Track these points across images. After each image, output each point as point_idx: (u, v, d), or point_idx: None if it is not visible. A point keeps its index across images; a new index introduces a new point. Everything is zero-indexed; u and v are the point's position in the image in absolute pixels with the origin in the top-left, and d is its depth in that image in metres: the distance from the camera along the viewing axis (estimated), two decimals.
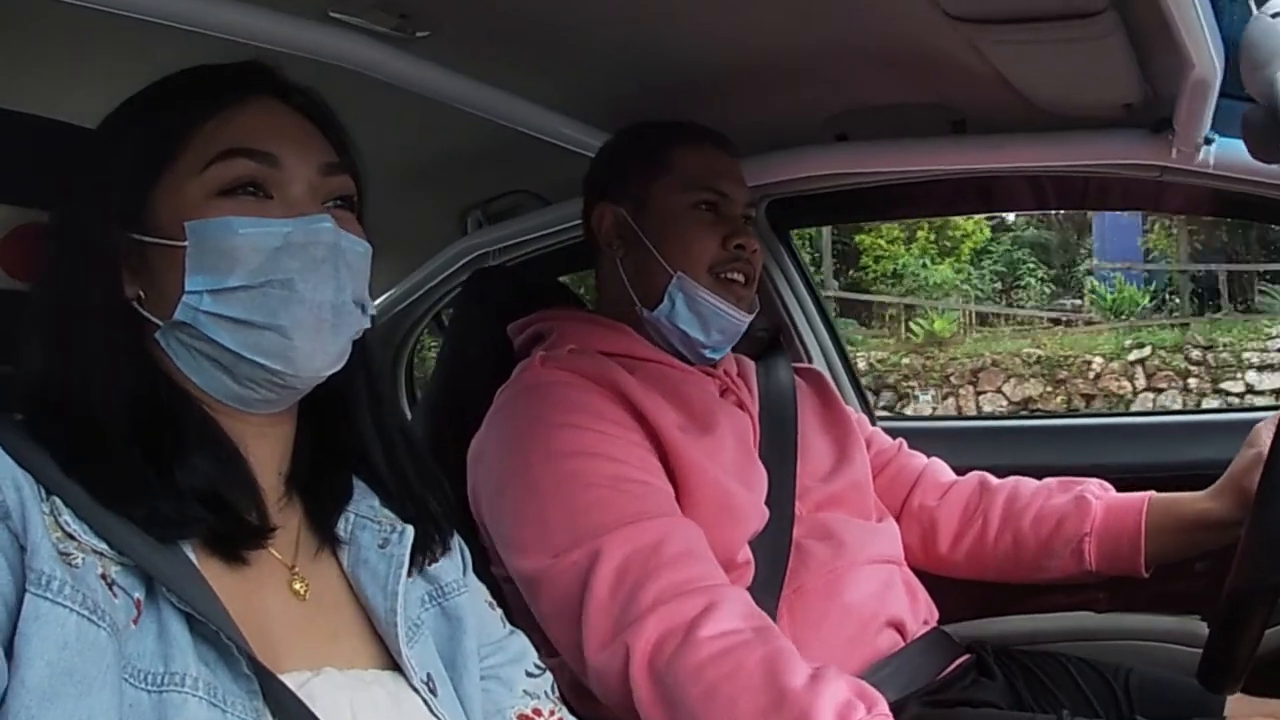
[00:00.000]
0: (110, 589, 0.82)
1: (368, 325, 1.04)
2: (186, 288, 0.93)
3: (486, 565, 1.51)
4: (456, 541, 1.18)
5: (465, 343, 1.98)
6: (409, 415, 2.64)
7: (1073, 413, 11.31)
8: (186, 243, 0.93)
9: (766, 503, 1.60)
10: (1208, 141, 1.69)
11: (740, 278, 1.68)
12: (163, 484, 0.89)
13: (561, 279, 2.27)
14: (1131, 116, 1.72)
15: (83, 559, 0.82)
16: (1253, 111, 1.36)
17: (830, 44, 1.61)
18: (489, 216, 2.38)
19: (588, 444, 1.45)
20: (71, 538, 0.82)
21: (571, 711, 1.20)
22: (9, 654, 0.77)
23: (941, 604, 1.76)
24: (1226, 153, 1.70)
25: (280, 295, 0.94)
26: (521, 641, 1.21)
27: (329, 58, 1.42)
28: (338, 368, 1.00)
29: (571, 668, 1.38)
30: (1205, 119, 1.60)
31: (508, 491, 1.47)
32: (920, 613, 1.68)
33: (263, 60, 1.07)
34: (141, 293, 0.96)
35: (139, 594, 0.85)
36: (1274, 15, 1.35)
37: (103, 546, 0.84)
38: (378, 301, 2.64)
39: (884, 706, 1.18)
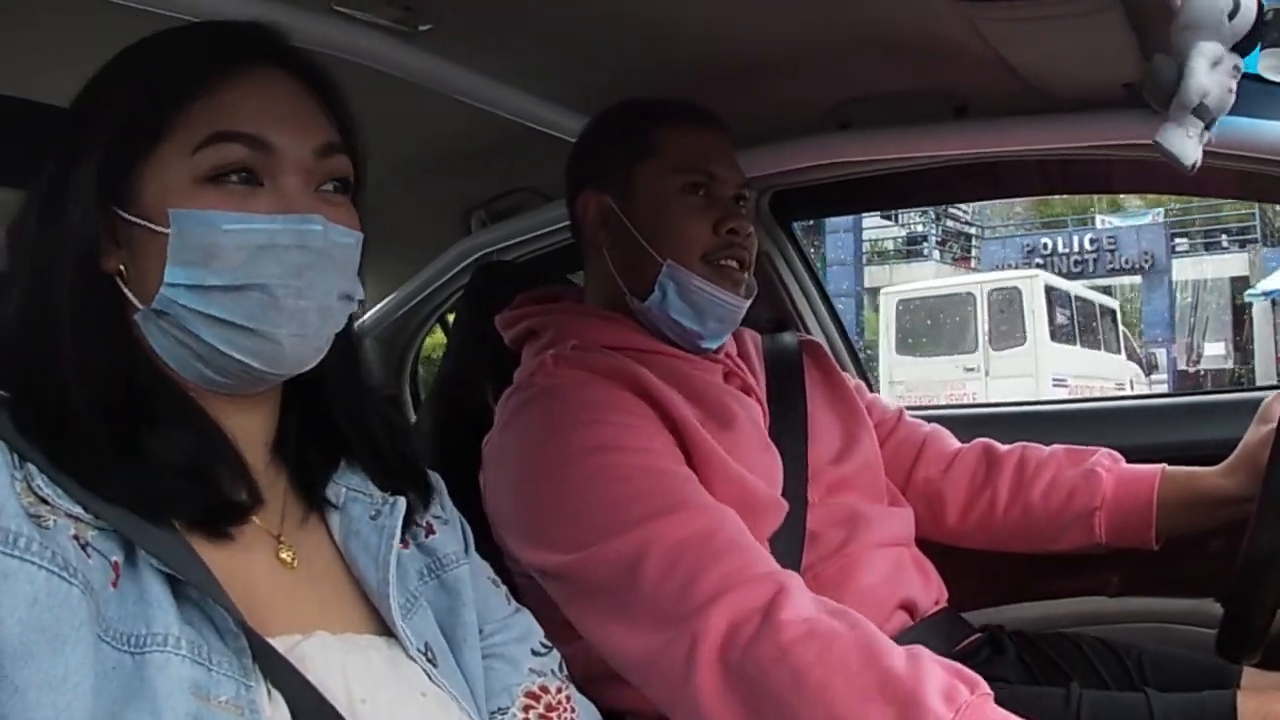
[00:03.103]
0: (84, 550, 0.81)
1: (354, 309, 1.02)
2: (165, 279, 0.91)
3: (500, 561, 1.49)
4: (457, 517, 1.18)
5: (469, 337, 1.97)
6: (413, 416, 2.64)
7: (1082, 398, 11.27)
8: (170, 230, 0.91)
9: (782, 493, 1.57)
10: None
11: (735, 264, 1.62)
12: (140, 465, 0.88)
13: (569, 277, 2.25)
14: (1131, 97, 1.72)
15: (54, 521, 0.81)
16: (1163, 62, 1.37)
17: (831, 31, 1.61)
18: (492, 216, 2.38)
19: (614, 438, 1.40)
20: (44, 502, 0.81)
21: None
22: None
23: (953, 590, 1.74)
24: (1226, 131, 1.69)
25: (261, 299, 0.92)
26: (527, 620, 1.19)
27: (332, 50, 1.42)
28: (320, 358, 0.99)
29: (606, 660, 1.31)
30: None
31: (533, 491, 1.42)
32: (931, 592, 1.67)
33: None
34: (123, 268, 0.93)
35: (116, 557, 0.84)
36: None
37: (78, 511, 0.83)
38: (382, 304, 2.65)
39: (985, 686, 1.09)
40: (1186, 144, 1.39)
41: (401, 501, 1.06)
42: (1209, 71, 1.37)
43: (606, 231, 1.65)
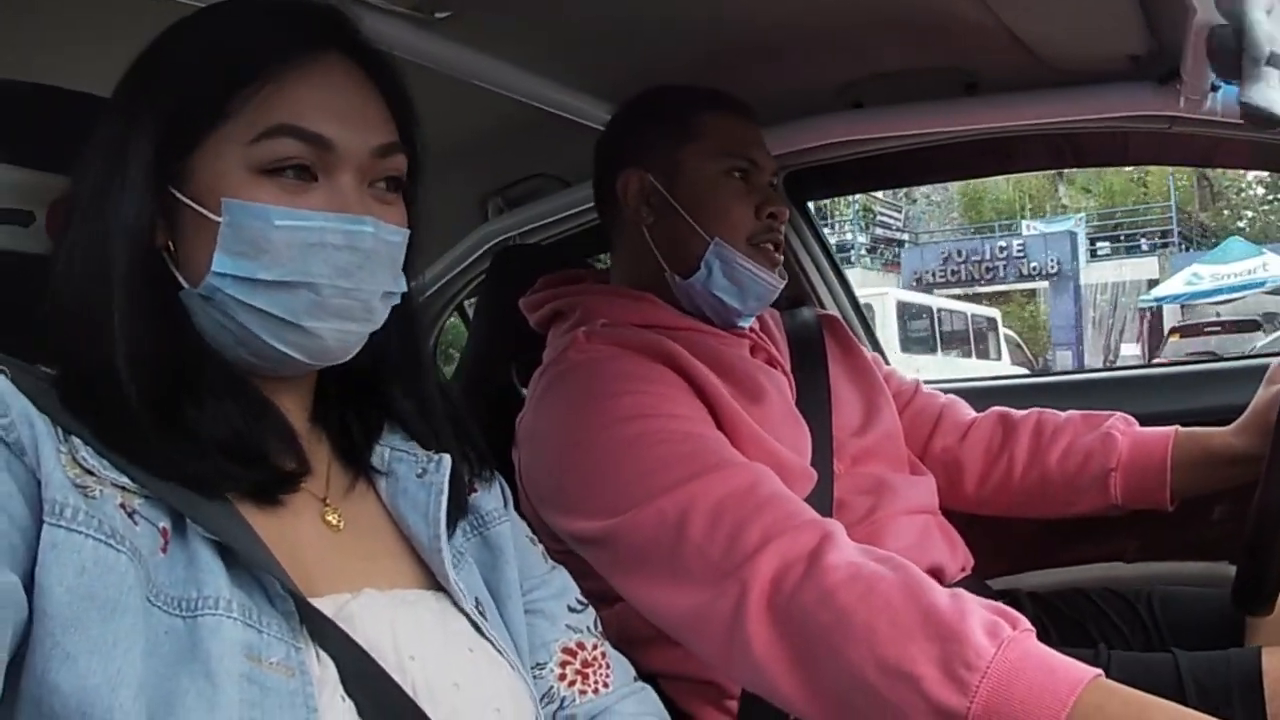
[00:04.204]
0: (130, 518, 0.83)
1: (397, 302, 1.01)
2: (214, 268, 0.91)
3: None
4: (496, 476, 1.19)
5: (492, 319, 1.99)
6: None
7: (1095, 368, 11.28)
8: (221, 219, 0.91)
9: (810, 463, 1.59)
10: (1214, 89, 1.70)
11: (772, 246, 1.66)
12: (188, 442, 0.89)
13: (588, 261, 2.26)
14: (1138, 69, 1.75)
15: (100, 490, 0.82)
16: (1220, 31, 1.37)
17: (843, 11, 1.63)
18: (509, 202, 2.39)
19: (650, 406, 1.41)
20: (90, 473, 0.82)
21: None
22: (30, 588, 0.77)
23: (975, 559, 1.76)
24: (1233, 100, 1.71)
25: (308, 297, 0.93)
26: (564, 577, 1.21)
27: None
28: (359, 349, 1.00)
29: (652, 621, 1.31)
30: None
31: (572, 461, 1.42)
32: (958, 559, 1.69)
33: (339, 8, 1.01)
34: (171, 245, 0.94)
35: (164, 524, 0.85)
36: None
37: (124, 481, 0.84)
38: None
39: (1026, 624, 1.08)
40: (1274, 96, 1.38)
41: (447, 459, 1.07)
42: (1268, 19, 1.37)
43: (649, 209, 1.67)
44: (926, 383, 2.04)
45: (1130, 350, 23.95)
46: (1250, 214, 33.07)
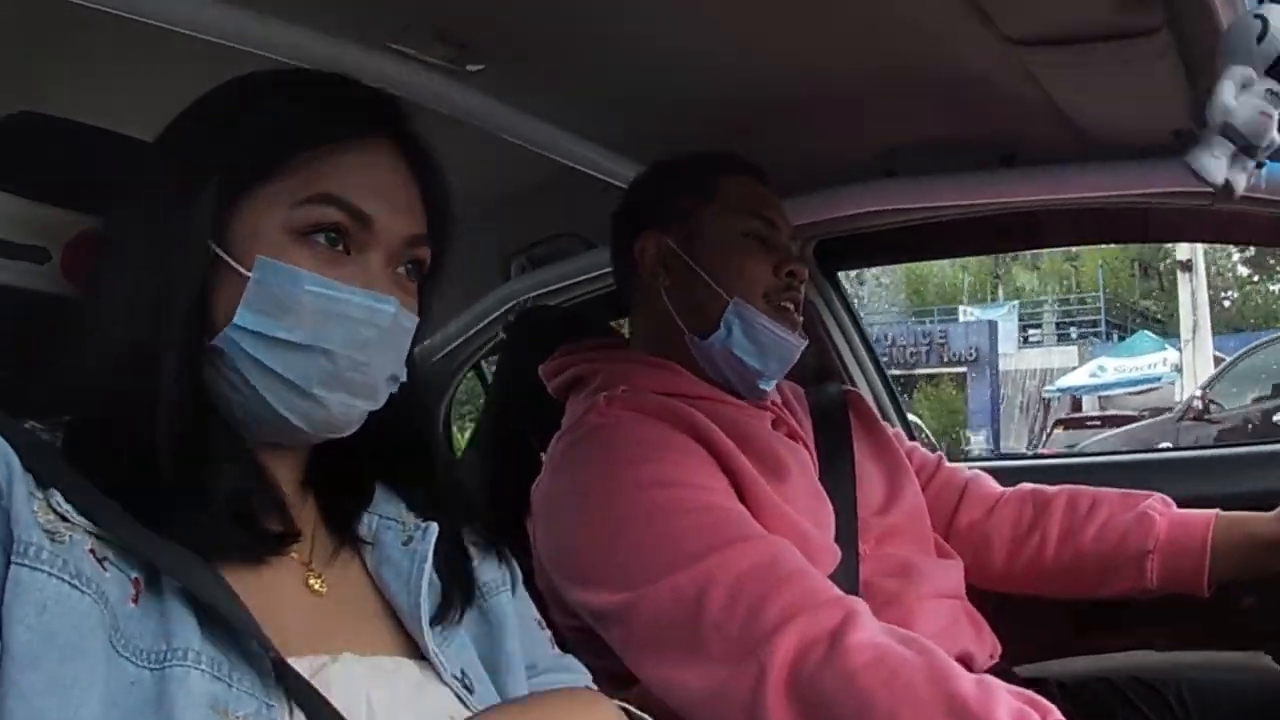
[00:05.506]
0: (100, 564, 0.81)
1: (395, 390, 1.01)
2: (235, 320, 0.91)
3: (545, 612, 1.47)
4: (501, 551, 1.16)
5: (511, 384, 1.96)
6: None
7: (1132, 450, 11.21)
8: (252, 274, 0.91)
9: (835, 540, 1.55)
10: (1259, 165, 1.67)
11: (791, 306, 1.64)
12: (197, 497, 0.88)
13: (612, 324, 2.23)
14: (1180, 144, 1.71)
15: (70, 535, 0.81)
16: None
17: (880, 77, 1.61)
18: (533, 261, 2.37)
19: (670, 474, 1.38)
20: (63, 519, 0.81)
21: None
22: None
23: (1002, 645, 1.71)
24: (1278, 178, 1.69)
25: (322, 364, 0.93)
26: (577, 664, 1.17)
27: (385, 86, 1.43)
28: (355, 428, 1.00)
29: (667, 703, 1.26)
30: None
31: (588, 529, 1.39)
32: (986, 646, 1.64)
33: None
34: None
35: (136, 574, 0.84)
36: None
37: (99, 530, 0.83)
38: (417, 349, 2.64)
39: (1057, 714, 1.06)
40: (1211, 163, 1.39)
41: (434, 527, 1.05)
42: (1237, 93, 1.36)
43: (666, 272, 1.65)
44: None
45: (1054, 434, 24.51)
46: (1234, 294, 32.99)
